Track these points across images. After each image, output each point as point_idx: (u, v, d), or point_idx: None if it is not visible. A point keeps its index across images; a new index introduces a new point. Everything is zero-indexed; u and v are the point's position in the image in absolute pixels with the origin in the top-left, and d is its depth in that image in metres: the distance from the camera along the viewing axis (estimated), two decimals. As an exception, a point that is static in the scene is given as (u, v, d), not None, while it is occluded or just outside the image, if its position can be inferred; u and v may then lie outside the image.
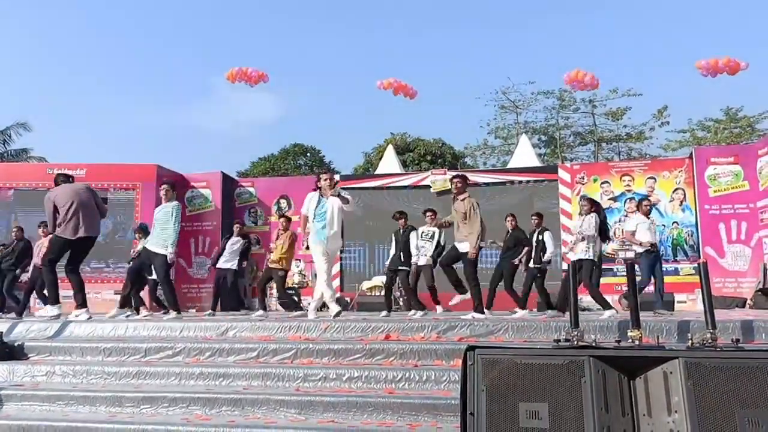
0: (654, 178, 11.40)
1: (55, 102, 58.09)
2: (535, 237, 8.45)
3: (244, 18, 64.58)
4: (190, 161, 71.04)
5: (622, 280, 9.64)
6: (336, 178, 7.12)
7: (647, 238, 7.43)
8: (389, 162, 14.59)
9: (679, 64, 46.00)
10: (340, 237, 6.71)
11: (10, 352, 5.25)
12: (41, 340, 5.57)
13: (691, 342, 2.82)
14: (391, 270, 8.22)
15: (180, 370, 4.71)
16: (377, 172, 14.28)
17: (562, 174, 11.95)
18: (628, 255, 4.47)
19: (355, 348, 4.81)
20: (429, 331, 5.17)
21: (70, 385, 4.68)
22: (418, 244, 8.09)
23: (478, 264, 6.80)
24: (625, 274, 4.09)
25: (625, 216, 11.13)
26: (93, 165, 12.15)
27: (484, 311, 6.61)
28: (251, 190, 13.17)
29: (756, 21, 43.28)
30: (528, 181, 12.12)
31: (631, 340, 3.35)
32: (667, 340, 4.76)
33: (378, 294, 11.27)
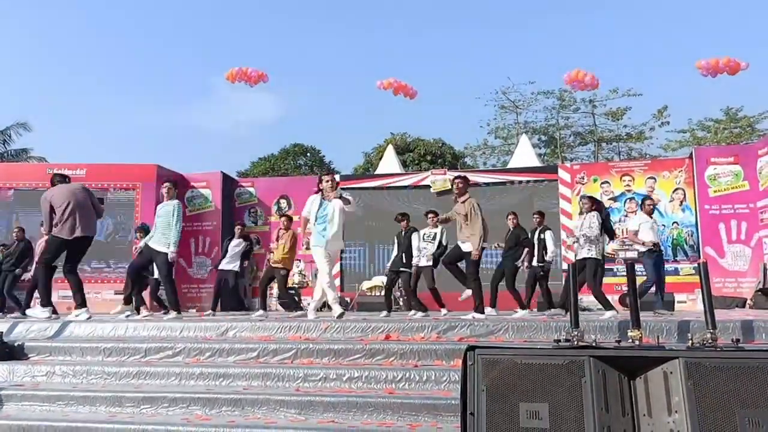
0: (654, 178, 11.40)
1: (55, 102, 58.19)
2: (536, 236, 8.45)
3: (244, 18, 64.65)
4: (190, 161, 71.19)
5: (622, 280, 9.64)
6: (336, 179, 7.12)
7: (650, 237, 7.41)
8: (389, 162, 14.60)
9: (679, 64, 46.08)
10: (341, 238, 6.69)
11: (10, 352, 5.25)
12: (41, 340, 5.57)
13: (691, 342, 2.82)
14: (392, 271, 8.22)
15: (180, 370, 4.71)
16: (377, 172, 14.28)
17: (562, 174, 11.96)
18: (628, 255, 4.47)
19: (355, 348, 4.81)
20: (429, 331, 5.17)
21: (70, 385, 4.68)
22: (420, 246, 8.08)
23: (480, 264, 6.80)
24: (625, 274, 4.08)
25: (625, 216, 11.13)
26: (93, 165, 12.16)
27: (485, 311, 6.61)
28: (251, 190, 13.17)
29: (756, 21, 43.34)
30: (528, 181, 12.12)
31: (631, 340, 3.34)
32: (667, 340, 4.76)
33: (378, 294, 11.28)
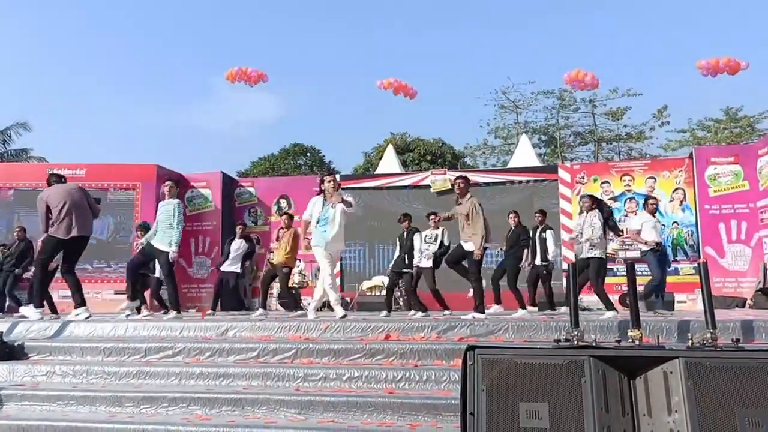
0: (654, 178, 11.40)
1: (55, 102, 58.15)
2: (537, 235, 8.45)
3: (244, 18, 64.63)
4: (190, 161, 71.16)
5: (623, 279, 9.64)
6: (337, 179, 7.10)
7: (652, 236, 7.39)
8: (389, 162, 14.59)
9: (679, 64, 46.05)
10: (342, 239, 6.66)
11: (10, 352, 5.25)
12: (41, 340, 5.57)
13: (691, 342, 2.82)
14: (394, 272, 8.21)
15: (180, 370, 4.71)
16: (377, 172, 14.28)
17: (562, 174, 11.95)
18: (629, 255, 4.47)
19: (355, 348, 4.81)
20: (429, 331, 5.17)
21: (70, 385, 4.68)
22: (422, 248, 8.07)
23: (482, 263, 6.80)
24: (625, 274, 4.08)
25: (625, 216, 11.13)
26: (93, 165, 12.15)
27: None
28: (251, 190, 13.17)
29: (756, 21, 43.32)
30: (528, 181, 12.12)
31: (631, 340, 3.34)
32: (667, 340, 4.77)
33: (378, 294, 11.28)
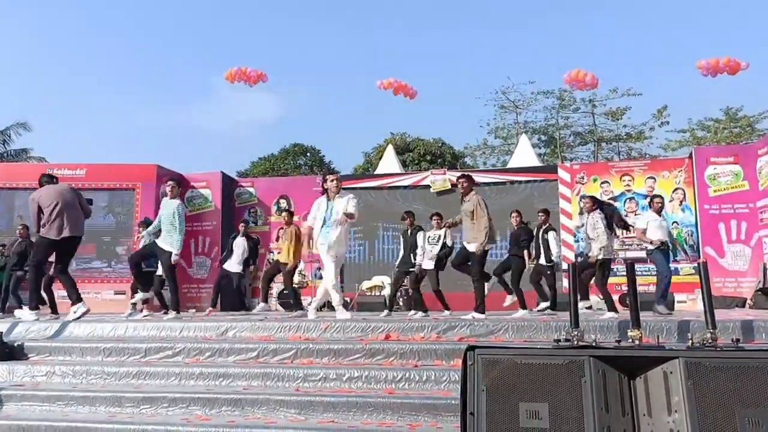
0: (654, 178, 11.40)
1: (55, 102, 58.19)
2: (540, 235, 8.45)
3: (244, 18, 64.66)
4: (190, 161, 71.18)
5: (623, 279, 9.64)
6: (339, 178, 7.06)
7: (658, 236, 7.36)
8: (389, 162, 14.59)
9: (679, 64, 46.08)
10: (344, 242, 6.61)
11: (10, 352, 5.25)
12: (41, 340, 5.57)
13: (691, 342, 2.82)
14: (401, 271, 8.23)
15: (180, 370, 4.71)
16: (377, 172, 14.28)
17: (562, 174, 11.95)
18: (629, 255, 4.47)
19: (355, 348, 4.82)
20: (429, 331, 5.17)
21: (70, 385, 4.68)
22: (425, 248, 8.06)
23: (485, 264, 6.79)
24: (625, 274, 4.08)
25: (625, 215, 11.12)
26: (93, 165, 12.15)
27: (485, 311, 6.61)
28: (251, 190, 13.17)
29: (756, 21, 43.35)
30: (528, 181, 12.11)
31: (631, 340, 3.34)
32: (667, 340, 4.77)
33: (378, 294, 11.28)
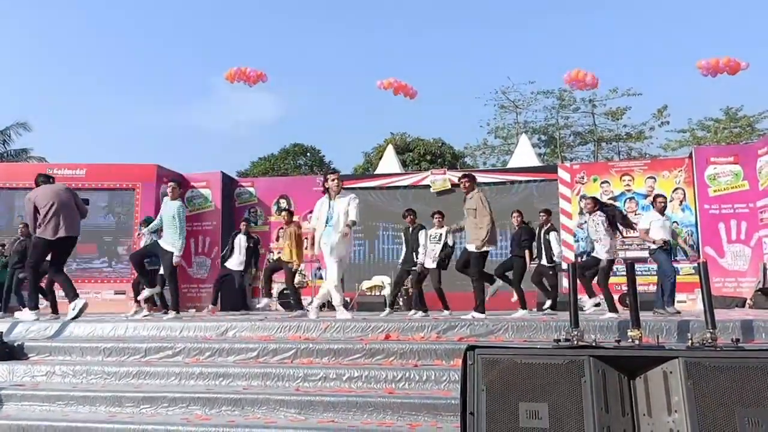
0: (654, 178, 11.40)
1: (55, 102, 58.19)
2: (542, 235, 8.44)
3: (244, 18, 64.66)
4: (190, 161, 71.20)
5: (622, 279, 9.64)
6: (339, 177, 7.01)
7: (660, 235, 7.33)
8: (389, 162, 14.59)
9: (679, 64, 46.09)
10: (349, 239, 6.61)
11: (10, 352, 5.25)
12: (41, 340, 5.57)
13: (691, 342, 2.82)
14: (404, 270, 8.24)
15: (180, 370, 4.71)
16: (377, 172, 14.28)
17: (562, 174, 11.95)
18: (629, 254, 4.47)
19: (355, 348, 4.81)
20: (429, 331, 5.17)
21: (70, 385, 4.68)
22: (427, 246, 8.06)
23: (484, 265, 6.78)
24: (625, 274, 4.08)
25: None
26: (93, 165, 12.16)
27: (485, 311, 6.61)
28: (251, 190, 13.17)
29: (756, 21, 43.35)
30: (528, 180, 12.11)
31: (631, 340, 3.34)
32: (667, 339, 4.77)
33: (378, 294, 11.28)
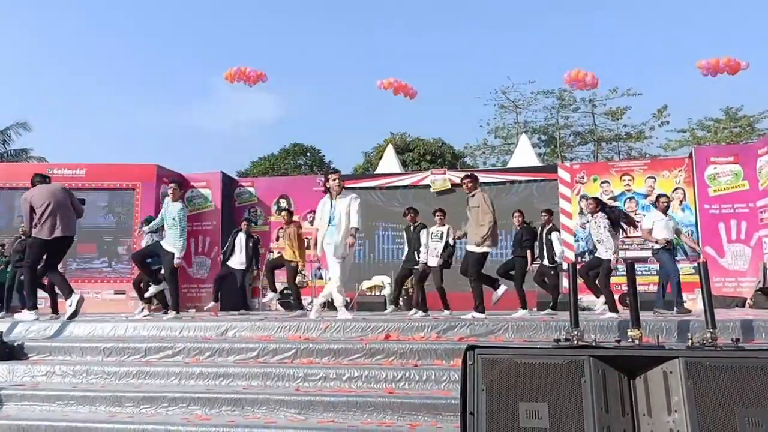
0: (654, 178, 11.40)
1: (55, 102, 58.20)
2: (544, 236, 8.44)
3: (244, 18, 64.68)
4: (190, 161, 71.21)
5: (622, 279, 9.64)
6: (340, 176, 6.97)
7: (663, 235, 7.33)
8: (389, 162, 14.59)
9: (679, 64, 46.10)
10: (354, 246, 6.57)
11: (10, 352, 5.25)
12: (41, 340, 5.57)
13: (691, 341, 2.82)
14: (406, 268, 8.25)
15: (180, 370, 4.71)
16: (377, 172, 14.27)
17: (562, 173, 11.95)
18: (629, 254, 4.48)
19: (355, 348, 4.81)
20: (429, 331, 5.17)
21: (70, 385, 4.68)
22: (429, 245, 8.06)
23: (483, 266, 6.78)
24: (625, 274, 4.08)
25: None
26: (93, 165, 12.15)
27: (485, 311, 6.60)
28: (251, 189, 13.17)
29: (756, 21, 43.36)
30: (528, 180, 12.11)
31: (631, 340, 3.34)
32: (667, 339, 4.76)
33: (378, 294, 11.28)
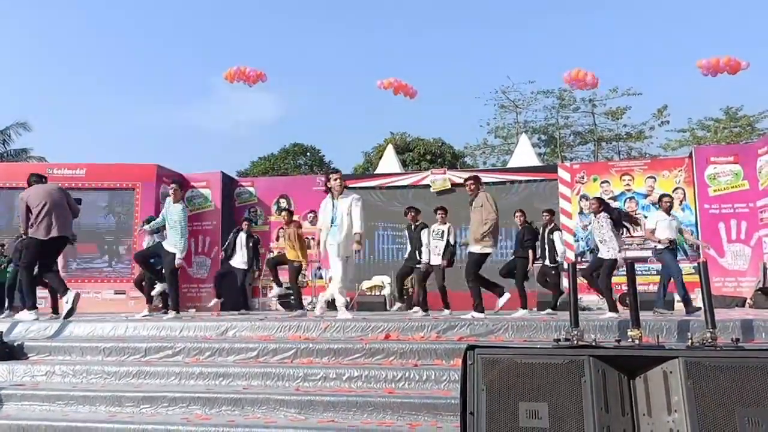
0: (654, 178, 11.40)
1: (55, 102, 58.17)
2: (546, 235, 8.45)
3: (244, 18, 64.67)
4: (190, 161, 71.17)
5: (622, 279, 9.64)
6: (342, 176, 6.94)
7: (666, 235, 7.34)
8: (389, 162, 14.59)
9: (679, 64, 46.10)
10: (349, 244, 6.57)
11: (10, 352, 5.24)
12: (41, 340, 5.56)
13: (691, 341, 2.82)
14: (408, 266, 8.27)
15: (180, 369, 4.71)
16: (377, 172, 14.27)
17: (562, 173, 11.95)
18: (628, 255, 4.48)
19: (355, 347, 4.81)
20: (429, 331, 5.16)
21: (70, 385, 4.68)
22: (431, 243, 8.05)
23: (481, 266, 6.78)
24: (625, 274, 4.09)
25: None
26: (93, 165, 12.15)
27: (484, 310, 6.60)
28: (251, 189, 13.17)
29: (756, 21, 43.35)
30: (528, 180, 12.11)
31: (631, 340, 3.35)
32: (667, 339, 4.76)
33: (378, 294, 11.28)
